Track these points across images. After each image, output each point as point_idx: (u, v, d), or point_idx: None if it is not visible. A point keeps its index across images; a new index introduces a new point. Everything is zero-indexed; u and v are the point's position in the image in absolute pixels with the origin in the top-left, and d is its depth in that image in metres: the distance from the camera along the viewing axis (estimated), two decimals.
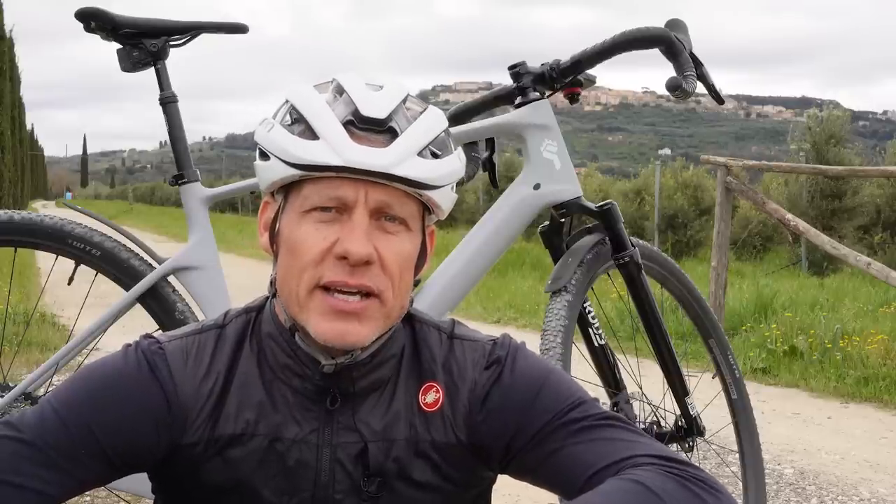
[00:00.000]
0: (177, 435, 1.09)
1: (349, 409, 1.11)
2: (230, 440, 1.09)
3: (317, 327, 1.05)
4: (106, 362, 1.11)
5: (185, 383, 1.10)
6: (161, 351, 1.11)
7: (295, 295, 1.06)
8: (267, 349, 1.12)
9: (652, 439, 1.10)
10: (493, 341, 1.17)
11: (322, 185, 1.04)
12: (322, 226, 1.04)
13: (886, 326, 6.28)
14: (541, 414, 1.10)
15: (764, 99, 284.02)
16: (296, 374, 1.10)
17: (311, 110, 1.06)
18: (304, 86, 1.10)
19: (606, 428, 1.09)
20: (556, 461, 1.08)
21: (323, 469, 1.09)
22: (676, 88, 1.96)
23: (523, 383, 1.13)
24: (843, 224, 11.91)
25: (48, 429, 1.04)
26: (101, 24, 2.03)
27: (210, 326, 1.15)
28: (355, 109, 1.05)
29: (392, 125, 1.05)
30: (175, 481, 1.12)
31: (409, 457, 1.11)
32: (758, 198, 6.38)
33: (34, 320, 6.07)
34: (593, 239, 2.09)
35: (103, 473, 1.08)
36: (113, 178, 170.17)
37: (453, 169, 1.10)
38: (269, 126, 1.09)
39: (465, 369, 1.14)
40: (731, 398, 2.45)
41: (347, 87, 1.07)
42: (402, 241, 1.07)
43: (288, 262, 1.07)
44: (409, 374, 1.14)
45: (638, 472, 1.01)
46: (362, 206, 1.04)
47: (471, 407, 1.13)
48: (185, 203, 2.11)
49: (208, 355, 1.12)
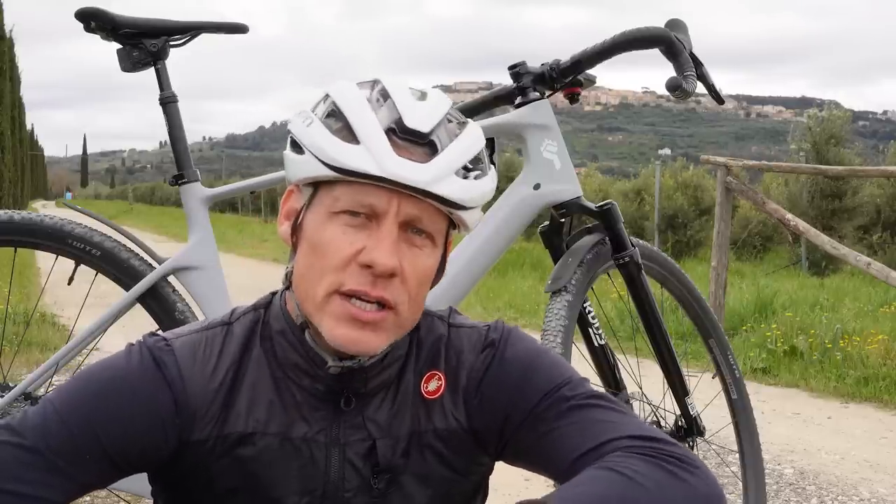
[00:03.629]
0: (185, 433, 1.07)
1: (358, 408, 1.11)
2: (240, 439, 1.08)
3: (331, 331, 1.04)
4: (110, 362, 1.09)
5: (193, 380, 1.08)
6: (169, 348, 1.10)
7: (312, 295, 1.05)
8: (277, 347, 1.11)
9: (631, 416, 1.11)
10: (487, 326, 1.18)
11: (355, 190, 1.03)
12: (350, 230, 1.03)
13: (886, 326, 6.28)
14: (532, 394, 1.11)
15: (764, 99, 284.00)
16: (306, 373, 1.10)
17: (353, 112, 1.04)
18: (348, 83, 1.09)
19: (592, 408, 1.09)
20: (546, 444, 1.09)
21: (333, 468, 1.09)
22: (676, 88, 1.96)
23: (516, 365, 1.13)
24: (843, 224, 11.91)
25: (51, 432, 1.02)
26: (101, 24, 2.03)
27: (217, 324, 1.14)
28: (399, 118, 1.03)
29: (433, 139, 1.04)
30: (179, 482, 1.11)
31: (416, 449, 1.11)
32: (758, 198, 6.38)
33: (34, 320, 6.07)
34: (593, 239, 2.09)
35: (107, 475, 1.06)
36: (113, 178, 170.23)
37: (487, 190, 1.10)
38: (308, 120, 1.06)
39: (462, 354, 1.15)
40: (731, 398, 2.45)
41: (392, 93, 1.05)
42: (426, 256, 1.06)
43: (309, 261, 1.05)
44: (413, 366, 1.14)
45: (614, 458, 1.02)
46: (393, 216, 1.02)
47: (468, 390, 1.14)
48: (185, 203, 2.11)
49: (216, 353, 1.11)
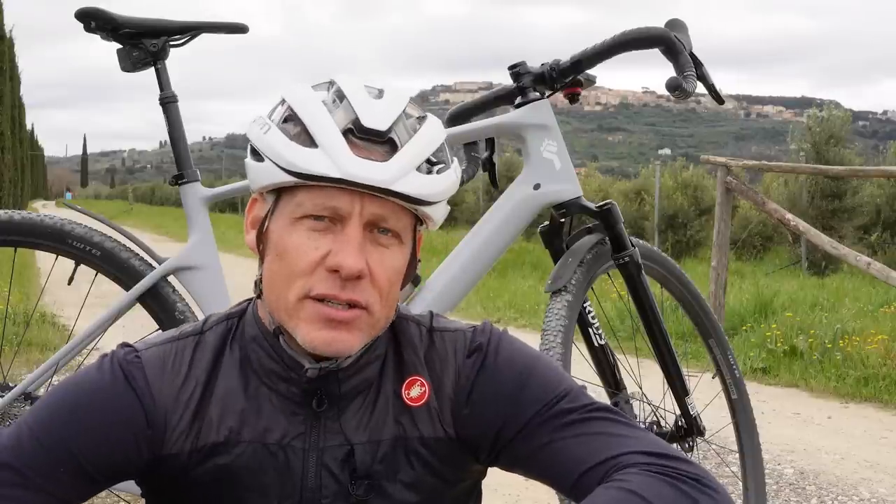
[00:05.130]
0: (157, 446, 1.07)
1: (335, 413, 1.09)
2: (214, 448, 1.07)
3: (306, 335, 1.03)
4: (81, 376, 1.09)
5: (162, 392, 1.07)
6: (137, 360, 1.09)
7: (284, 302, 1.04)
8: (252, 354, 1.10)
9: (642, 430, 1.08)
10: (472, 328, 1.16)
11: (317, 194, 1.02)
12: (314, 234, 1.02)
13: (886, 326, 6.28)
14: (529, 405, 1.08)
15: (764, 99, 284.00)
16: (281, 378, 1.09)
17: (309, 115, 1.03)
18: (302, 86, 1.08)
19: (596, 421, 1.07)
20: (546, 455, 1.07)
21: (309, 474, 1.07)
22: (676, 88, 1.96)
23: (509, 372, 1.11)
24: (843, 224, 11.90)
25: (25, 450, 1.02)
26: (101, 24, 2.03)
27: (189, 333, 1.13)
28: (356, 118, 1.02)
29: (392, 136, 1.03)
30: (163, 487, 1.11)
31: (398, 456, 1.09)
32: (758, 198, 6.38)
33: (34, 320, 6.07)
34: (593, 239, 2.09)
35: (85, 489, 1.06)
36: (113, 178, 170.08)
37: (450, 184, 1.08)
38: (265, 127, 1.05)
39: (447, 360, 1.13)
40: (731, 398, 2.45)
41: (348, 93, 1.04)
42: (393, 255, 1.05)
43: (276, 268, 1.05)
44: (393, 371, 1.12)
45: (629, 476, 1.00)
46: (357, 218, 1.02)
47: (457, 398, 1.11)
48: (184, 203, 2.11)
49: (186, 363, 1.10)
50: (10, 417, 1.94)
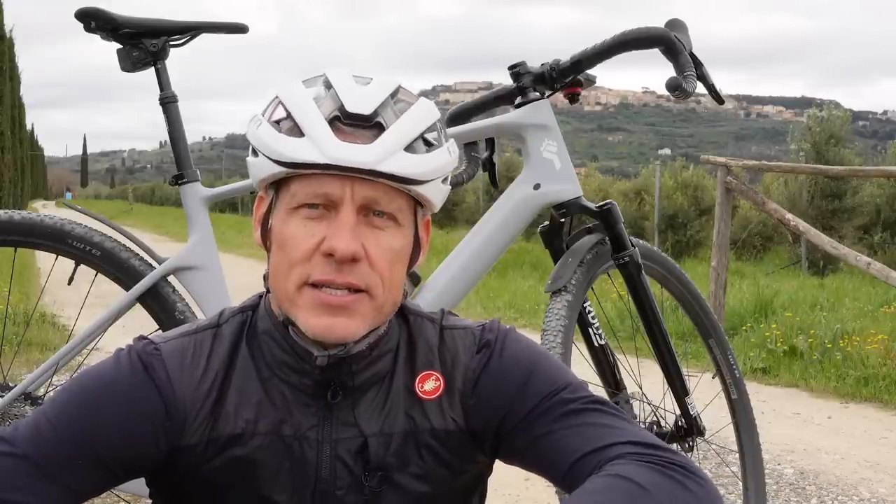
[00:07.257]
0: (176, 437, 1.08)
1: (349, 405, 1.11)
2: (230, 440, 1.08)
3: (306, 322, 1.05)
4: (99, 369, 1.09)
5: (182, 384, 1.09)
6: (157, 352, 1.10)
7: (285, 291, 1.07)
8: (264, 346, 1.12)
9: (633, 423, 1.11)
10: (481, 326, 1.18)
11: (309, 182, 1.04)
12: (310, 223, 1.05)
13: (886, 326, 6.28)
14: (531, 397, 1.11)
15: (764, 99, 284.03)
16: (294, 370, 1.10)
17: (297, 107, 1.06)
18: (293, 82, 1.10)
19: (592, 412, 1.10)
20: (543, 445, 1.09)
21: (323, 465, 1.09)
22: (676, 88, 1.96)
23: (514, 366, 1.13)
24: (843, 224, 11.90)
25: (43, 441, 1.03)
26: (101, 24, 2.03)
27: (206, 326, 1.15)
28: (341, 105, 1.05)
29: (379, 120, 1.05)
30: (175, 483, 1.11)
31: (410, 448, 1.11)
32: (758, 198, 6.38)
33: (34, 320, 6.07)
34: (593, 239, 2.09)
35: (102, 482, 1.07)
36: (113, 178, 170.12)
37: (442, 163, 1.09)
38: (257, 123, 1.09)
39: (457, 356, 1.15)
40: (731, 398, 2.45)
41: (335, 82, 1.07)
42: (390, 236, 1.07)
43: (278, 259, 1.07)
44: (406, 366, 1.14)
45: (621, 465, 1.02)
46: (349, 202, 1.04)
47: (465, 391, 1.14)
48: (184, 203, 2.11)
49: (205, 355, 1.11)
50: (10, 417, 1.94)
